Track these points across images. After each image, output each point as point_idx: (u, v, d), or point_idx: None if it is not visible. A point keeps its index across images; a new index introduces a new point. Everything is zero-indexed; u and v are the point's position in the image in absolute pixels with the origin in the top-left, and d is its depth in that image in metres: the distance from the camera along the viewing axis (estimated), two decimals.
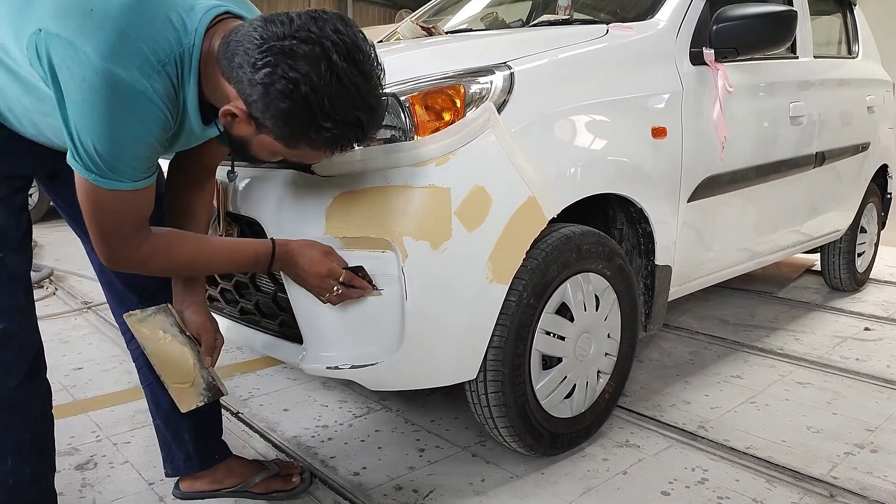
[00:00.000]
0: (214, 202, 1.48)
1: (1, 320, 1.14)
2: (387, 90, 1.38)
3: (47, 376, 1.28)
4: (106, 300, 1.46)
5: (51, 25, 0.94)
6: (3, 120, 1.11)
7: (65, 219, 1.35)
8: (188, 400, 1.31)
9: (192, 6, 1.02)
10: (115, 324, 2.78)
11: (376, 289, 1.36)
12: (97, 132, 0.97)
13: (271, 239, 1.30)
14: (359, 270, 1.35)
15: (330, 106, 0.99)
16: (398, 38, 2.54)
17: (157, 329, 1.30)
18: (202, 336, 1.32)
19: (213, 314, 1.40)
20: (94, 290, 3.33)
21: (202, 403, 1.32)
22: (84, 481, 1.61)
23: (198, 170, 1.32)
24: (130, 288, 1.38)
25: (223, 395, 1.35)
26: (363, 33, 1.04)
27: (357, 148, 1.26)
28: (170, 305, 1.32)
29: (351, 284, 1.33)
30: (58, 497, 1.33)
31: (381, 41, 2.72)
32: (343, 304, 1.35)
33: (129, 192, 1.04)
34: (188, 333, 1.32)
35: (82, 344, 2.56)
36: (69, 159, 1.02)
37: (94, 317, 2.92)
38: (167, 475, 1.55)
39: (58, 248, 4.32)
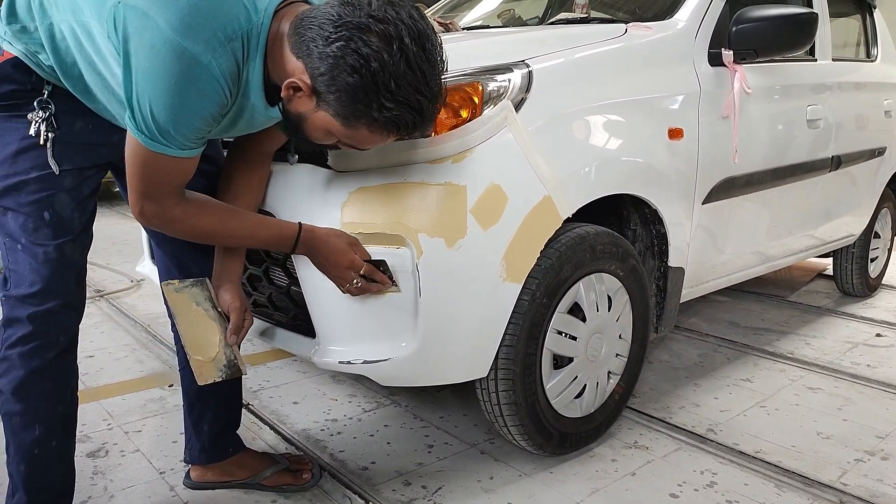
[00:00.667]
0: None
1: (50, 300, 1.20)
2: None
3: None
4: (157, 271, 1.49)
5: None
6: (88, 102, 1.17)
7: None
8: (207, 373, 1.33)
9: None
10: (127, 313, 2.82)
11: (395, 285, 1.36)
12: (157, 98, 1.01)
13: (299, 223, 1.31)
14: (381, 265, 1.35)
15: (395, 86, 1.02)
16: None
17: (190, 301, 1.32)
18: (231, 314, 1.33)
19: None
20: (108, 279, 3.36)
21: (220, 379, 1.33)
22: (96, 469, 1.63)
23: (255, 153, 1.36)
24: (177, 263, 1.41)
25: (243, 374, 1.37)
26: (433, 28, 1.08)
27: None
28: (207, 280, 1.34)
29: (372, 278, 1.33)
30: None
31: None
32: (357, 299, 1.36)
33: (173, 157, 1.09)
34: (219, 310, 1.34)
35: (94, 332, 2.58)
36: (125, 119, 1.07)
37: (107, 305, 2.94)
38: (184, 461, 1.57)
39: None
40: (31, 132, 1.14)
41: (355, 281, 1.32)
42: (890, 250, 3.60)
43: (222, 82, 1.03)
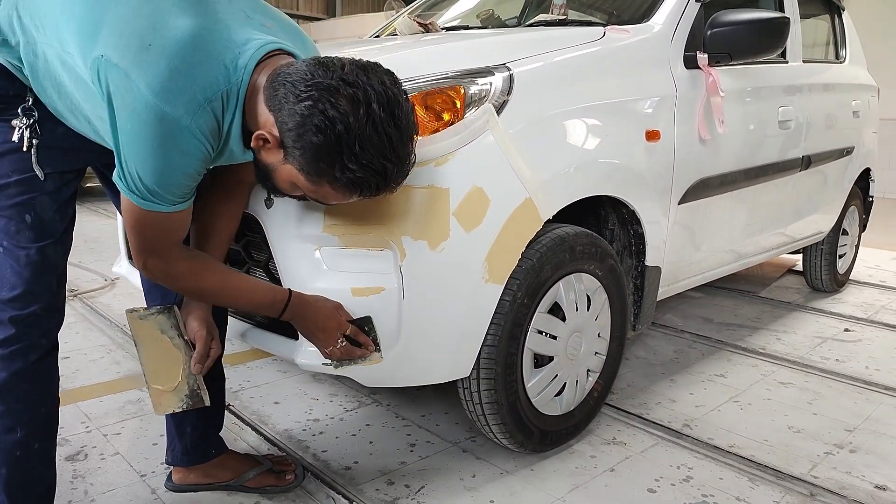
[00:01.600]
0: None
1: (33, 304, 1.20)
2: None
3: None
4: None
5: (112, 54, 1.00)
6: (63, 119, 1.18)
7: (114, 205, 1.38)
8: (166, 403, 1.33)
9: (246, 41, 1.08)
10: (103, 313, 2.78)
11: (378, 351, 1.39)
12: (141, 160, 1.05)
13: (289, 289, 1.35)
14: (366, 322, 1.38)
15: (360, 149, 1.04)
16: (393, 33, 2.54)
17: (155, 328, 1.31)
18: (197, 343, 1.33)
19: None
20: (81, 278, 3.31)
21: (180, 409, 1.34)
22: (75, 472, 1.62)
23: (232, 182, 1.36)
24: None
25: (205, 405, 1.36)
26: (406, 94, 1.11)
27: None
28: (175, 307, 1.33)
29: (355, 340, 1.37)
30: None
31: (376, 35, 2.72)
32: (342, 302, 1.37)
33: (165, 213, 1.12)
34: (186, 338, 1.33)
35: (69, 333, 2.55)
36: (115, 177, 1.10)
37: (81, 305, 2.90)
38: (166, 463, 1.56)
39: None
40: (14, 138, 1.15)
41: (340, 341, 1.36)
42: (857, 247, 3.71)
43: (203, 140, 1.06)
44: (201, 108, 1.03)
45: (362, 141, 1.03)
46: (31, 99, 1.16)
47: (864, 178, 3.49)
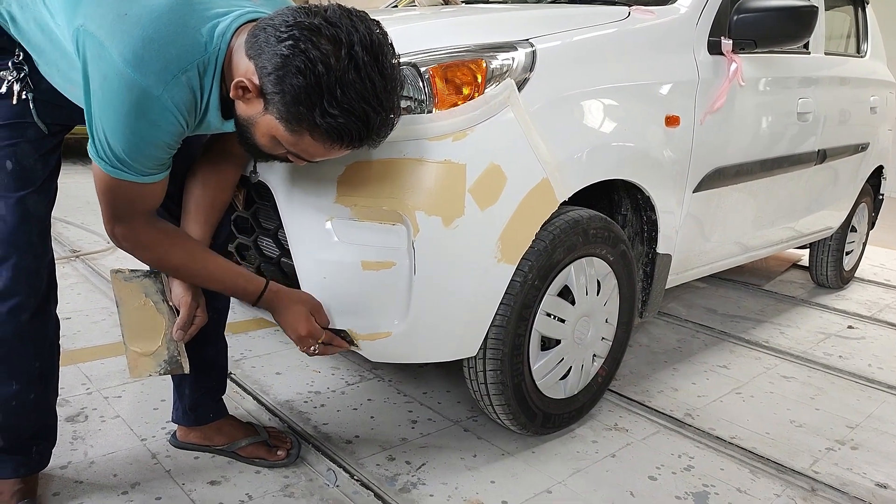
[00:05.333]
0: None
1: (13, 255, 1.19)
2: (406, 59, 1.36)
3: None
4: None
5: (89, 23, 1.00)
6: (48, 77, 1.17)
7: None
8: (142, 367, 1.31)
9: (227, 12, 1.05)
10: (104, 274, 2.76)
11: (355, 344, 1.39)
12: (111, 127, 1.03)
13: (266, 279, 1.34)
14: (341, 332, 1.38)
15: (341, 92, 0.99)
16: (412, 3, 2.48)
17: (139, 291, 1.30)
18: (181, 308, 1.31)
19: None
20: (83, 238, 3.28)
21: (156, 374, 1.33)
22: (75, 434, 1.61)
23: (223, 153, 1.33)
24: None
25: (184, 372, 1.35)
26: (393, 46, 1.07)
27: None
28: (163, 273, 1.31)
29: (330, 343, 1.37)
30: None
31: (395, 5, 2.67)
32: (351, 276, 1.35)
33: (135, 183, 1.10)
34: (171, 304, 1.31)
35: (70, 294, 2.53)
36: (89, 145, 1.08)
37: (83, 266, 2.88)
38: (172, 420, 1.59)
39: None
40: (2, 90, 1.15)
41: (313, 348, 1.36)
42: (864, 244, 3.68)
43: (175, 113, 1.04)
44: (174, 79, 1.01)
45: (343, 84, 0.99)
46: (21, 54, 1.15)
47: (876, 175, 3.45)
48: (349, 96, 1.00)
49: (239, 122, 1.10)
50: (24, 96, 1.16)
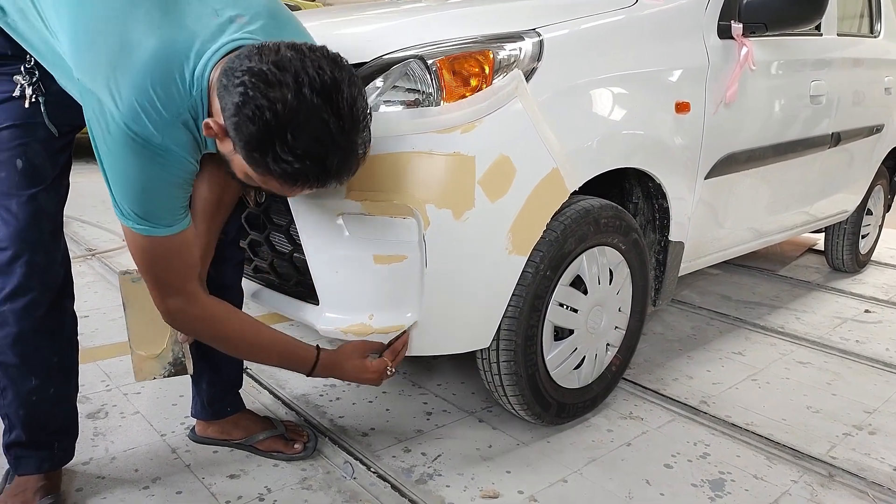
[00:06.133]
0: None
1: (26, 252, 1.21)
2: (413, 52, 1.36)
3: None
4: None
5: (85, 78, 1.04)
6: (57, 78, 1.18)
7: None
8: (147, 370, 1.34)
9: (204, 50, 1.05)
10: None
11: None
12: (124, 180, 1.07)
13: (317, 347, 1.38)
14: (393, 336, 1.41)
15: (292, 137, 0.98)
16: None
17: (146, 294, 1.30)
18: None
19: None
20: (99, 237, 3.32)
21: (161, 377, 1.35)
22: (96, 430, 1.63)
23: (222, 174, 1.31)
24: None
25: (188, 374, 1.38)
26: (357, 81, 1.04)
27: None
28: None
29: (395, 357, 1.42)
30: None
31: None
32: (361, 270, 1.36)
33: (165, 237, 1.13)
34: None
35: (88, 292, 2.57)
36: (113, 208, 1.12)
37: (99, 264, 2.92)
38: (190, 415, 1.62)
39: None
40: (16, 93, 1.17)
41: (389, 372, 1.42)
42: (881, 227, 3.64)
43: (181, 153, 1.08)
44: (171, 125, 1.04)
45: (294, 128, 0.97)
46: (31, 59, 1.17)
47: (892, 157, 3.41)
48: (302, 140, 0.99)
49: (222, 156, 1.13)
50: (35, 99, 1.18)
